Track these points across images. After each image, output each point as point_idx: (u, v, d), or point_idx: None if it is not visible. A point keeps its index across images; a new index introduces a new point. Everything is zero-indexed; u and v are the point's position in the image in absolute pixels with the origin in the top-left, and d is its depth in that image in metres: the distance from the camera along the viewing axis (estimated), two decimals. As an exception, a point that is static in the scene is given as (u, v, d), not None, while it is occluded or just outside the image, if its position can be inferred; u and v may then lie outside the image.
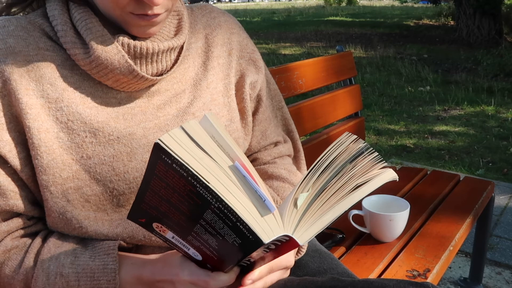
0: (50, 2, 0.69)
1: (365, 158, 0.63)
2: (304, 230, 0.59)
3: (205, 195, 0.52)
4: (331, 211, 0.60)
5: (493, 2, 8.29)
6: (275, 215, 0.57)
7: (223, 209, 0.53)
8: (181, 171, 0.51)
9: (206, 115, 0.59)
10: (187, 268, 0.64)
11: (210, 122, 0.58)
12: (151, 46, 0.68)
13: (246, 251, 0.59)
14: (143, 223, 0.60)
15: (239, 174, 0.56)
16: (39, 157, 0.66)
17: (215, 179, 0.52)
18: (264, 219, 0.55)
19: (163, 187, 0.53)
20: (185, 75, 0.77)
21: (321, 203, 0.60)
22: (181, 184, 0.52)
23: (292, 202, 0.60)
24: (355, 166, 0.62)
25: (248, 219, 0.53)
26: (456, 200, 1.50)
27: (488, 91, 5.09)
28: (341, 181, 0.61)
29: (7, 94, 0.66)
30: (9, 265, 0.69)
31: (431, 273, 1.09)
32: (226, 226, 0.55)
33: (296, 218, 0.59)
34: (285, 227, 0.58)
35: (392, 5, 22.95)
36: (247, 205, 0.54)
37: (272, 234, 0.55)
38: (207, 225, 0.56)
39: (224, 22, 0.85)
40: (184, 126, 0.54)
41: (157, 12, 0.65)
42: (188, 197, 0.53)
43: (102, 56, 0.66)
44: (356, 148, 0.63)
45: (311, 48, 8.29)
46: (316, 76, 1.63)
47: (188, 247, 0.61)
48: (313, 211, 0.60)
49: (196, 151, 0.53)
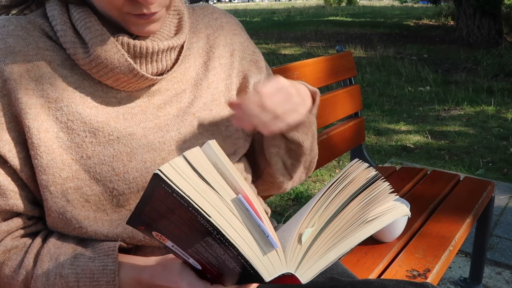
0: (50, 2, 0.69)
1: (376, 189, 0.59)
2: (307, 268, 0.57)
3: (206, 226, 0.51)
4: (337, 248, 0.57)
5: (493, 2, 8.29)
6: (278, 251, 0.55)
7: (225, 242, 0.51)
8: (181, 201, 0.49)
9: (209, 142, 0.57)
10: (187, 278, 0.63)
11: (213, 150, 0.56)
12: (151, 45, 0.68)
13: (247, 280, 0.58)
14: (143, 230, 0.59)
15: (243, 207, 0.54)
16: (39, 157, 0.66)
17: (217, 213, 0.51)
18: (267, 256, 0.54)
19: (162, 207, 0.52)
20: (185, 74, 0.77)
21: (326, 239, 0.58)
22: (181, 211, 0.51)
23: (296, 237, 0.57)
24: (365, 198, 0.59)
25: (250, 255, 0.52)
26: (456, 200, 1.50)
27: (488, 91, 5.08)
28: (349, 215, 0.58)
29: (7, 93, 0.66)
30: (9, 265, 0.69)
31: (431, 273, 1.09)
32: (227, 255, 0.53)
33: (299, 254, 0.57)
34: (287, 263, 0.56)
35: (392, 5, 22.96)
36: (249, 241, 0.53)
37: (274, 272, 0.54)
38: (207, 247, 0.54)
39: (226, 23, 0.85)
40: (186, 154, 0.53)
41: (154, 10, 0.65)
42: (189, 222, 0.52)
43: (102, 55, 0.66)
44: (367, 178, 0.60)
45: (311, 48, 8.29)
46: (316, 76, 1.63)
47: (188, 257, 0.61)
48: (317, 248, 0.57)
49: (198, 182, 0.51)
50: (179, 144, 0.74)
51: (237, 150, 0.82)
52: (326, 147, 1.63)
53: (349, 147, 1.79)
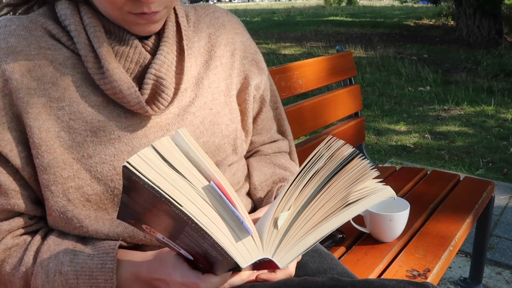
0: (61, 2, 0.69)
1: (355, 167, 0.56)
2: (285, 252, 0.56)
3: (180, 215, 0.50)
4: (316, 231, 0.55)
5: (493, 2, 8.29)
6: (253, 237, 0.54)
7: (199, 230, 0.51)
8: (153, 191, 0.49)
9: (178, 131, 0.56)
10: (179, 270, 0.64)
11: (183, 139, 0.55)
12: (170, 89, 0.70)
13: (229, 267, 0.58)
14: (133, 224, 0.59)
15: (216, 194, 0.54)
16: (40, 156, 0.66)
17: (188, 201, 0.50)
18: (242, 242, 0.53)
19: (142, 199, 0.52)
20: (187, 73, 0.77)
21: (304, 222, 0.56)
22: (157, 202, 0.51)
23: (272, 222, 0.56)
24: (344, 176, 0.56)
25: (224, 243, 0.51)
26: (456, 200, 1.50)
27: (488, 91, 5.08)
28: (327, 196, 0.56)
29: (8, 93, 0.66)
30: (9, 262, 0.69)
31: (431, 273, 1.09)
32: (206, 243, 0.53)
33: (276, 239, 0.56)
34: (264, 249, 0.55)
35: (392, 5, 22.95)
36: (223, 228, 0.52)
37: (250, 258, 0.54)
38: (190, 237, 0.54)
39: (228, 22, 0.85)
40: (155, 144, 0.52)
41: (154, 9, 0.65)
42: (167, 212, 0.52)
43: (116, 86, 0.67)
44: (344, 155, 0.56)
45: (311, 48, 8.29)
46: (316, 76, 1.63)
47: (179, 248, 0.61)
48: (295, 232, 0.56)
49: (168, 172, 0.51)
50: None
51: (236, 149, 0.82)
52: (326, 147, 1.63)
53: (349, 147, 1.79)
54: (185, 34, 0.75)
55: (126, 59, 0.69)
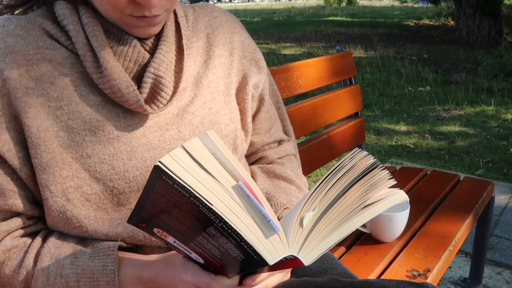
0: (59, 2, 0.69)
1: (374, 176, 0.61)
2: (309, 250, 0.58)
3: (208, 214, 0.51)
4: (338, 231, 0.59)
5: (493, 2, 8.29)
6: (280, 235, 0.56)
7: (227, 229, 0.52)
8: (183, 191, 0.50)
9: (207, 133, 0.58)
10: (191, 270, 0.64)
11: (212, 140, 0.57)
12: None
13: (250, 266, 0.58)
14: (144, 227, 0.60)
15: (243, 193, 0.55)
16: (39, 156, 0.66)
17: (218, 201, 0.52)
18: (269, 239, 0.55)
19: (163, 201, 0.53)
20: (186, 73, 0.77)
21: (327, 222, 0.59)
22: (183, 202, 0.51)
23: (298, 220, 0.59)
24: (364, 184, 0.61)
25: (253, 240, 0.53)
26: (456, 200, 1.50)
27: (488, 91, 5.08)
28: (349, 200, 0.60)
29: (7, 93, 0.66)
30: (9, 265, 0.69)
31: (431, 273, 1.09)
32: (230, 243, 0.54)
33: (301, 237, 0.58)
34: (290, 246, 0.57)
35: (392, 5, 22.96)
36: (251, 226, 0.54)
37: (277, 255, 0.55)
38: (209, 238, 0.55)
39: (226, 21, 0.85)
40: (185, 145, 0.53)
41: (155, 13, 0.65)
42: (191, 213, 0.53)
43: (114, 84, 0.67)
44: (366, 165, 0.61)
45: (311, 48, 8.29)
46: (316, 76, 1.63)
47: (190, 252, 0.61)
48: (319, 231, 0.59)
49: (198, 172, 0.52)
50: (178, 142, 0.74)
51: (236, 149, 0.82)
52: (326, 147, 1.63)
53: (349, 147, 1.79)
54: (184, 33, 0.75)
55: (125, 58, 0.69)
